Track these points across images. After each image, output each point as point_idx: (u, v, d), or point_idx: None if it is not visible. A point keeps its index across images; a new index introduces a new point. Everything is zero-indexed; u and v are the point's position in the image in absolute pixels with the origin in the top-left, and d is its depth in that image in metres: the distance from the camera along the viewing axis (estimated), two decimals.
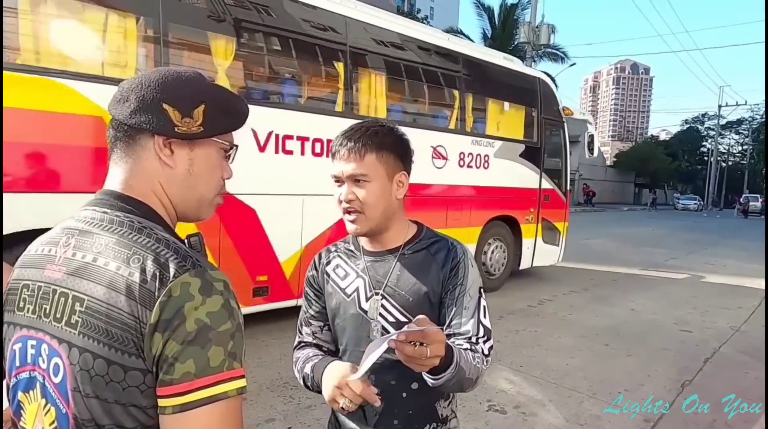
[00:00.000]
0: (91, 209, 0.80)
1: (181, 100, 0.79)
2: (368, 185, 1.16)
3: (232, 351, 0.71)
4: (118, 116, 0.80)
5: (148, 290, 0.69)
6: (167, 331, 0.67)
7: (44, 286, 0.77)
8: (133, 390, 0.70)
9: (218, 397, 0.68)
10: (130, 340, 0.68)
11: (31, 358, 0.78)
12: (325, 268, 1.31)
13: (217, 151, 0.86)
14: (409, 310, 1.19)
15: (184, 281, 0.69)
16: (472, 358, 1.10)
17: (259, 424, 3.07)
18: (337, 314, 1.26)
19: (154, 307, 0.68)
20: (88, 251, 0.74)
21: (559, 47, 29.33)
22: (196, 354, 0.68)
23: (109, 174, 0.84)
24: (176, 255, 0.72)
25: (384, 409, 1.18)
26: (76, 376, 0.71)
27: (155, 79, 0.80)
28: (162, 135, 0.80)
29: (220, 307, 0.70)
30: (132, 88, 0.80)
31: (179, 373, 0.67)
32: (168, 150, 0.81)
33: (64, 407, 0.73)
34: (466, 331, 1.16)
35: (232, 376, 0.70)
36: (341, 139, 1.18)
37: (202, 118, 0.80)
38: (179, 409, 0.67)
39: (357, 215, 1.18)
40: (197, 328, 0.68)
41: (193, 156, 0.83)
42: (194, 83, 0.83)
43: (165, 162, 0.81)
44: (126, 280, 0.70)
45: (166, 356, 0.68)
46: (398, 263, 1.22)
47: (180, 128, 0.79)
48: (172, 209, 0.85)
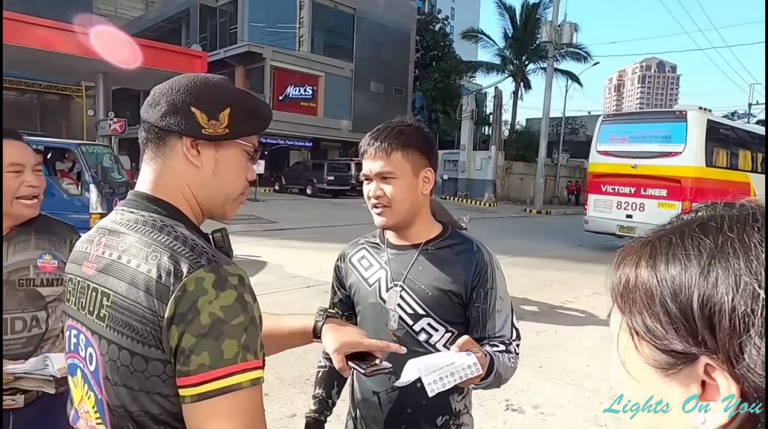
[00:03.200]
0: (121, 210, 0.86)
1: (208, 103, 0.84)
2: (395, 182, 1.21)
3: (246, 343, 0.73)
4: (150, 119, 0.85)
5: (164, 285, 0.73)
6: (182, 324, 0.71)
7: (81, 281, 0.84)
8: (155, 379, 0.74)
9: (232, 388, 0.71)
10: (150, 332, 0.73)
11: (74, 347, 0.86)
12: (350, 259, 1.38)
13: (241, 152, 0.90)
14: (427, 304, 1.24)
15: (198, 276, 0.73)
16: (507, 360, 1.18)
17: (281, 419, 3.13)
18: (359, 303, 1.33)
19: (169, 302, 0.72)
20: (115, 249, 0.80)
21: (582, 46, 28.98)
22: (210, 346, 0.71)
23: (141, 174, 0.89)
24: (191, 251, 0.76)
25: (397, 397, 1.24)
26: (106, 366, 0.78)
27: (184, 84, 0.85)
28: (190, 136, 0.84)
29: (234, 301, 0.73)
30: (163, 92, 0.85)
31: (195, 365, 0.71)
32: (195, 151, 0.85)
33: (99, 394, 0.80)
34: (501, 334, 1.23)
35: (246, 368, 0.73)
36: (369, 139, 1.24)
37: (228, 121, 0.84)
38: (196, 399, 0.71)
39: (384, 209, 1.23)
40: (211, 322, 0.71)
41: (219, 156, 0.86)
42: (221, 88, 0.87)
43: (192, 162, 0.85)
44: (145, 276, 0.74)
45: (182, 348, 0.71)
46: (420, 257, 1.27)
47: (207, 130, 0.83)
48: (198, 207, 0.89)
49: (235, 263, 0.79)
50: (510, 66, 30.88)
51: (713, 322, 0.38)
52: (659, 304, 0.42)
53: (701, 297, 0.39)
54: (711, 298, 0.39)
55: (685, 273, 0.41)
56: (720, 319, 0.38)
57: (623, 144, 9.77)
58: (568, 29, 20.33)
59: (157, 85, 0.88)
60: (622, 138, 9.81)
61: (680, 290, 0.40)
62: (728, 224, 0.41)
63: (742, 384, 0.38)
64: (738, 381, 0.38)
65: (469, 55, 37.27)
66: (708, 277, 0.39)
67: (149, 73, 12.99)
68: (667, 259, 0.42)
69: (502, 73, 31.11)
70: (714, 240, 0.40)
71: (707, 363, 0.39)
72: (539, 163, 22.24)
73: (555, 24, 20.13)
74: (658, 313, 0.42)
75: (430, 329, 1.24)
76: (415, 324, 1.25)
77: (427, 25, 33.66)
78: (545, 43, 21.34)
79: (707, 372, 0.40)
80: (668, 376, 0.42)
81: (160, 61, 13.42)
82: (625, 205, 9.67)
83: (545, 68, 23.29)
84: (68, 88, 20.07)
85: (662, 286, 0.42)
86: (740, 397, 0.38)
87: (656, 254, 0.44)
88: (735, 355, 0.37)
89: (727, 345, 0.37)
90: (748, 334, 0.37)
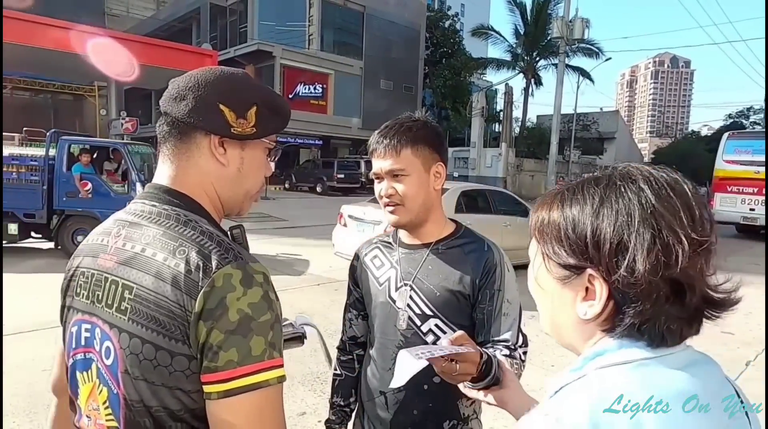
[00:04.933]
0: (141, 202, 0.85)
1: (236, 101, 0.83)
2: (406, 179, 1.19)
3: (272, 341, 0.74)
4: (175, 113, 0.83)
5: (192, 280, 0.72)
6: (210, 320, 0.71)
7: (97, 274, 0.82)
8: (179, 374, 0.73)
9: (260, 385, 0.71)
10: (177, 327, 0.72)
11: (86, 341, 0.83)
12: (364, 259, 1.37)
13: (264, 150, 0.90)
14: (434, 304, 1.21)
15: (227, 273, 0.72)
16: (509, 366, 1.11)
17: (291, 417, 3.13)
18: (370, 302, 1.32)
19: (198, 297, 0.71)
20: (138, 242, 0.79)
21: (594, 42, 28.67)
22: (238, 343, 0.71)
23: (159, 168, 0.87)
24: (219, 247, 0.75)
25: (404, 398, 1.21)
26: (125, 360, 0.76)
27: (211, 80, 0.83)
28: (218, 135, 0.83)
29: (260, 298, 0.73)
30: (189, 86, 0.83)
31: (223, 361, 0.70)
32: (222, 149, 0.84)
33: (115, 388, 0.78)
34: (505, 339, 1.18)
35: (272, 365, 0.73)
36: (377, 137, 1.22)
37: (255, 120, 0.84)
38: (223, 395, 0.70)
39: (397, 207, 1.21)
40: (239, 318, 0.71)
41: (244, 155, 0.86)
42: (246, 84, 0.86)
43: (219, 160, 0.84)
44: (172, 270, 0.73)
45: (210, 344, 0.71)
46: (430, 256, 1.25)
47: (235, 129, 0.83)
48: (219, 205, 0.88)
49: (258, 261, 0.78)
50: (521, 62, 30.63)
51: (599, 245, 0.56)
52: (563, 234, 0.60)
53: (592, 228, 0.57)
54: (598, 229, 0.56)
55: (582, 212, 0.59)
56: (604, 243, 0.56)
57: (747, 155, 13.61)
58: (580, 24, 20.09)
59: (177, 77, 0.86)
60: (746, 151, 13.72)
61: (578, 224, 0.58)
62: (613, 179, 0.59)
63: (610, 287, 0.56)
64: (609, 286, 0.56)
65: (479, 52, 37.06)
66: (597, 214, 0.57)
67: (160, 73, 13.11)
68: (571, 203, 0.60)
69: (513, 69, 30.89)
70: (603, 190, 0.58)
71: (590, 274, 0.58)
72: (550, 160, 22.06)
73: (566, 19, 19.92)
74: (562, 240, 0.60)
75: (438, 331, 1.21)
76: (422, 324, 1.23)
77: (437, 21, 33.51)
78: (556, 38, 21.12)
79: (590, 281, 0.58)
80: (565, 285, 0.61)
81: (171, 61, 13.52)
82: (749, 202, 13.50)
83: (556, 64, 23.08)
84: (81, 88, 20.28)
85: (566, 222, 0.60)
86: (608, 297, 0.57)
87: (563, 200, 0.61)
88: (612, 267, 0.55)
89: (608, 260, 0.55)
90: (622, 254, 0.55)
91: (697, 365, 0.58)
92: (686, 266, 0.53)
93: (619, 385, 0.54)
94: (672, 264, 0.53)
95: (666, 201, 0.55)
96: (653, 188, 0.56)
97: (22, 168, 7.44)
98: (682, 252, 0.53)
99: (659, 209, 0.55)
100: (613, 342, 0.58)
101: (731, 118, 63.32)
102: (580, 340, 0.62)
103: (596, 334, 0.60)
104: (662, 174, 0.58)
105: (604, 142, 39.10)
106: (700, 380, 0.55)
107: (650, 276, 0.53)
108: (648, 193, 0.56)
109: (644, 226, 0.54)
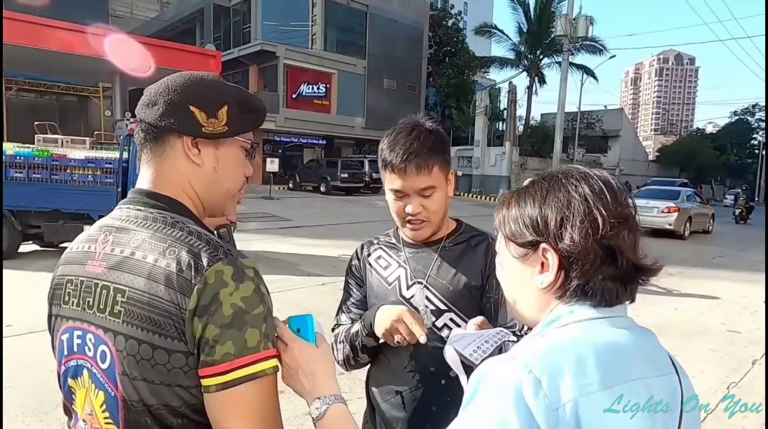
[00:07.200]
0: (126, 207, 0.86)
1: (206, 101, 0.84)
2: (435, 194, 1.20)
3: (266, 332, 0.77)
4: (148, 118, 0.85)
5: (185, 279, 0.74)
6: (205, 315, 0.73)
7: (86, 281, 0.83)
8: (177, 371, 0.75)
9: (257, 375, 0.74)
10: (172, 325, 0.74)
11: (78, 348, 0.84)
12: (367, 259, 1.37)
13: (240, 148, 0.91)
14: (449, 299, 1.24)
15: (218, 269, 0.74)
16: None
17: (296, 417, 3.14)
18: (377, 302, 1.31)
19: (191, 294, 0.73)
20: (126, 246, 0.80)
21: (598, 39, 28.55)
22: (234, 336, 0.73)
23: (140, 173, 0.89)
24: (208, 245, 0.77)
25: (422, 395, 1.23)
26: (123, 361, 0.77)
27: (181, 83, 0.85)
28: (190, 135, 0.84)
29: (253, 292, 0.76)
30: (159, 92, 0.85)
31: (220, 354, 0.73)
32: (195, 149, 0.85)
33: (112, 390, 0.79)
34: (513, 324, 1.20)
35: (267, 356, 0.76)
36: (401, 154, 1.16)
37: (226, 118, 0.85)
38: (222, 387, 0.73)
39: (423, 223, 1.21)
40: (233, 312, 0.73)
41: (219, 154, 0.88)
42: (216, 86, 0.88)
43: (193, 161, 0.86)
44: (164, 270, 0.75)
45: (206, 339, 0.73)
46: (440, 254, 1.27)
47: (206, 128, 0.84)
48: (200, 204, 0.89)
49: (248, 256, 0.80)
50: (524, 61, 30.52)
51: (548, 223, 0.72)
52: (521, 220, 0.76)
53: (542, 211, 0.74)
54: (546, 211, 0.73)
55: (534, 201, 0.75)
56: (551, 221, 0.72)
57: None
58: (584, 22, 20.01)
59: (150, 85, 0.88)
60: None
61: (532, 210, 0.75)
62: (557, 178, 0.76)
63: (560, 256, 0.71)
64: (559, 255, 0.71)
65: (483, 50, 36.97)
66: (545, 201, 0.74)
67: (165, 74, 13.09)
68: (525, 199, 0.77)
69: (517, 68, 30.78)
70: (549, 185, 0.76)
71: (544, 247, 0.72)
72: (554, 158, 21.99)
73: (570, 17, 19.84)
74: (520, 224, 0.76)
75: (452, 324, 1.23)
76: (437, 320, 1.24)
77: (440, 20, 33.45)
78: (560, 36, 21.04)
79: (543, 254, 0.72)
80: (525, 262, 0.76)
81: (176, 62, 13.55)
82: None
83: (560, 62, 23.00)
84: (86, 89, 20.37)
85: (522, 213, 0.76)
86: (559, 267, 0.71)
87: (519, 197, 0.79)
88: (559, 238, 0.71)
89: (555, 234, 0.71)
90: (564, 227, 0.71)
91: (634, 329, 0.72)
92: (612, 235, 0.69)
93: (569, 334, 0.68)
94: (598, 231, 0.69)
95: (593, 189, 0.72)
96: (587, 182, 0.73)
97: (98, 170, 7.61)
98: (603, 222, 0.69)
99: (589, 194, 0.71)
100: (566, 308, 0.72)
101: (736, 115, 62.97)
102: (539, 312, 0.76)
103: (551, 303, 0.74)
104: (596, 172, 0.76)
105: (608, 140, 38.95)
106: (634, 337, 0.71)
107: (584, 241, 0.69)
108: (583, 184, 0.73)
109: (578, 206, 0.71)
